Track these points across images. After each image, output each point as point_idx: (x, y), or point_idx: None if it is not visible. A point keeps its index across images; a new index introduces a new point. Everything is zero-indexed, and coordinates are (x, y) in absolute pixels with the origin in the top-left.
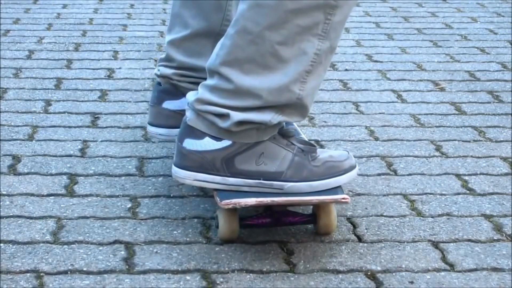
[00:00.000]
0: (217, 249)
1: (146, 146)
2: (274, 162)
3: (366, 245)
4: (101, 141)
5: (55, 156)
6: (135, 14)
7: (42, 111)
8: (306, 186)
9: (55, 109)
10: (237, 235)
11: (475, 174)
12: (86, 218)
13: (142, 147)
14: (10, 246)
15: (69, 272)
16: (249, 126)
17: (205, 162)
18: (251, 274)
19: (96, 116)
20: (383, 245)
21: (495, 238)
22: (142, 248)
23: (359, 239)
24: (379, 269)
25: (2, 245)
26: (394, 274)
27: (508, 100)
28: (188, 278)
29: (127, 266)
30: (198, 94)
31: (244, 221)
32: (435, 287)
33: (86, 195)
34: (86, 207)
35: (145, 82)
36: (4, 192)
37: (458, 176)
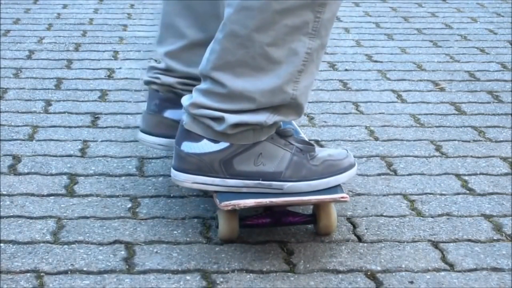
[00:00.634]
0: (217, 249)
1: (146, 146)
2: (272, 162)
3: (366, 245)
4: (101, 141)
5: (55, 156)
6: (135, 14)
7: (42, 111)
8: (305, 185)
9: (55, 109)
10: (237, 235)
11: (475, 174)
12: (86, 218)
13: (142, 147)
14: (10, 246)
15: (69, 272)
16: (245, 127)
17: (203, 165)
18: (251, 274)
19: (96, 116)
20: (383, 245)
21: (495, 238)
22: (142, 248)
23: (359, 239)
24: (379, 269)
25: (2, 245)
26: (394, 274)
27: (508, 100)
28: (188, 278)
29: (127, 266)
30: (192, 98)
31: (244, 221)
32: (435, 287)
33: (86, 195)
34: (86, 207)
35: None
36: (4, 192)
37: (458, 176)
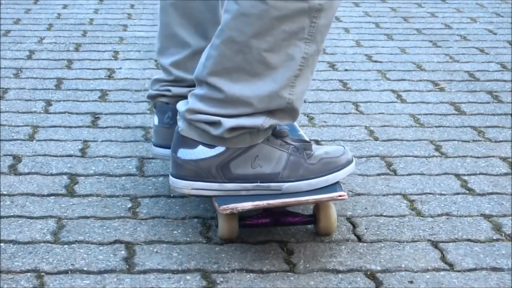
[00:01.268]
0: (217, 249)
1: (146, 146)
2: (269, 164)
3: (365, 245)
4: (101, 141)
5: (56, 156)
6: (135, 14)
7: (42, 111)
8: (304, 184)
9: (56, 109)
10: (236, 235)
11: (475, 174)
12: (86, 218)
13: (142, 147)
14: (11, 246)
15: (69, 272)
16: (241, 131)
17: (200, 170)
18: (251, 274)
19: (96, 116)
20: (383, 245)
21: (495, 238)
22: (142, 248)
23: (359, 239)
24: (379, 268)
25: (2, 245)
26: (393, 273)
27: (507, 100)
28: (188, 277)
29: (127, 266)
30: (188, 104)
31: (243, 221)
32: (435, 287)
33: (87, 195)
34: (87, 207)
35: (145, 82)
36: (4, 192)
37: (458, 176)
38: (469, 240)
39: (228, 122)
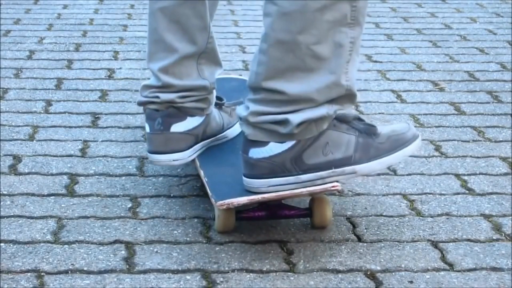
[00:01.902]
0: (217, 248)
1: (146, 146)
2: (340, 149)
3: (365, 244)
4: (101, 141)
5: (56, 156)
6: (135, 15)
7: (42, 111)
8: (376, 163)
9: (56, 109)
10: (233, 227)
11: (475, 174)
12: (86, 218)
13: (142, 147)
14: (11, 246)
15: (69, 271)
16: (308, 123)
17: (275, 166)
18: (251, 274)
19: (96, 116)
20: (383, 244)
21: (494, 238)
22: (142, 247)
23: (359, 239)
24: (379, 268)
25: (2, 245)
26: (393, 273)
27: (507, 100)
28: (188, 277)
29: (128, 266)
30: (249, 109)
31: (240, 214)
32: (435, 287)
33: (87, 195)
34: (87, 207)
35: None
36: (4, 192)
37: (458, 176)
38: (469, 240)
39: (295, 119)
